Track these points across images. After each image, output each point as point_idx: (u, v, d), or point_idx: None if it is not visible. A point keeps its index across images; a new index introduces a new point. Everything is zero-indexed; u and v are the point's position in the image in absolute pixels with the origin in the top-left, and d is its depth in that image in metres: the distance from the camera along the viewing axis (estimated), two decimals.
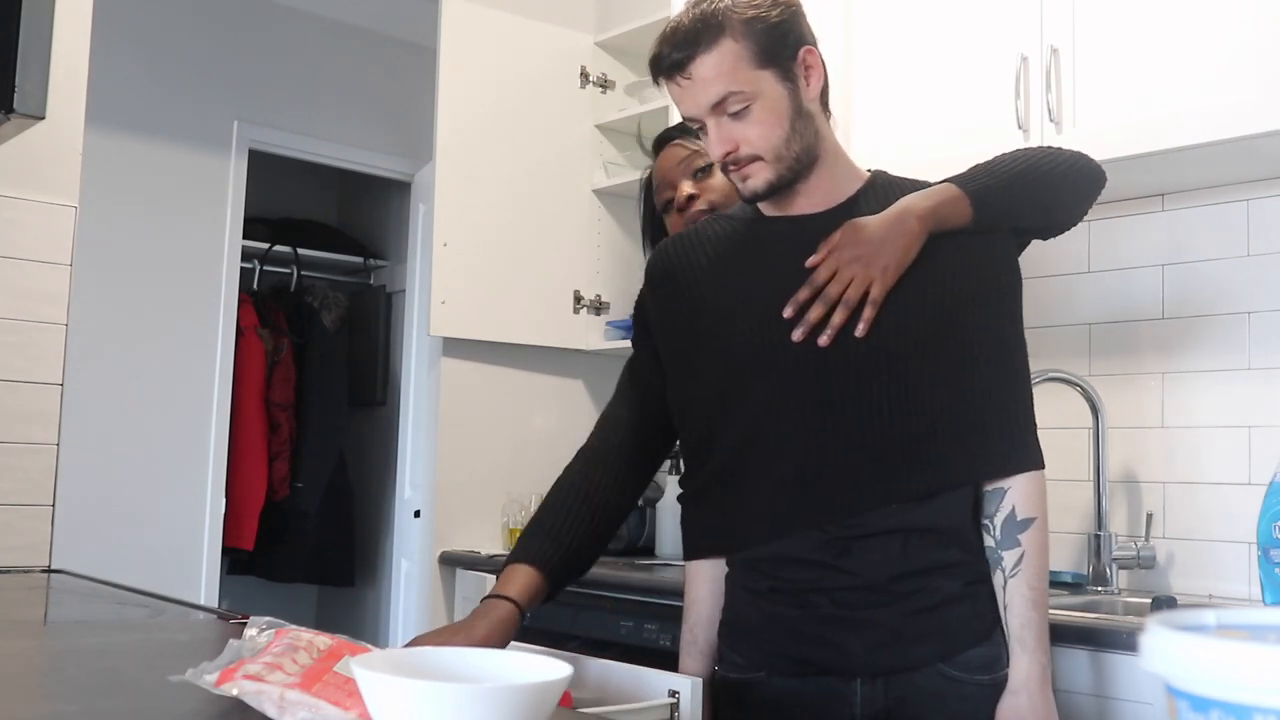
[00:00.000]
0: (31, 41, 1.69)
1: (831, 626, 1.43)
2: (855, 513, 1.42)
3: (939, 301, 1.44)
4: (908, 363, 1.42)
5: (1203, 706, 0.51)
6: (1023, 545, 1.43)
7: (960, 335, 1.44)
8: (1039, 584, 1.42)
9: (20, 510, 2.24)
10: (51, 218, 2.32)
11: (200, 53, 4.10)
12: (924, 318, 1.43)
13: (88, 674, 1.14)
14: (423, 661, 0.85)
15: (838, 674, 1.42)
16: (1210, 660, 0.50)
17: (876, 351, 1.42)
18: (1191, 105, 2.00)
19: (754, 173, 1.44)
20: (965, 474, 1.45)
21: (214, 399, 4.06)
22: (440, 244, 3.10)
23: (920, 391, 1.42)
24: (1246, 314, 2.24)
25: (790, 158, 1.45)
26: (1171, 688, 0.53)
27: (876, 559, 1.42)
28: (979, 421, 1.44)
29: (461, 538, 3.17)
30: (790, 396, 1.45)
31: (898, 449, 1.42)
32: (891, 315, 1.42)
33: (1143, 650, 0.54)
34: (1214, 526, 2.24)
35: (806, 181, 1.48)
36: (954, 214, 1.46)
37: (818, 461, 1.43)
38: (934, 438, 1.43)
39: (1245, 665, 0.49)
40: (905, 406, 1.42)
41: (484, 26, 3.22)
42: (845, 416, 1.43)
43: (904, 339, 1.42)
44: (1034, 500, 1.45)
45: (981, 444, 1.44)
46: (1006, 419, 1.46)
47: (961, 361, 1.44)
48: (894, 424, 1.42)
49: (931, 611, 1.42)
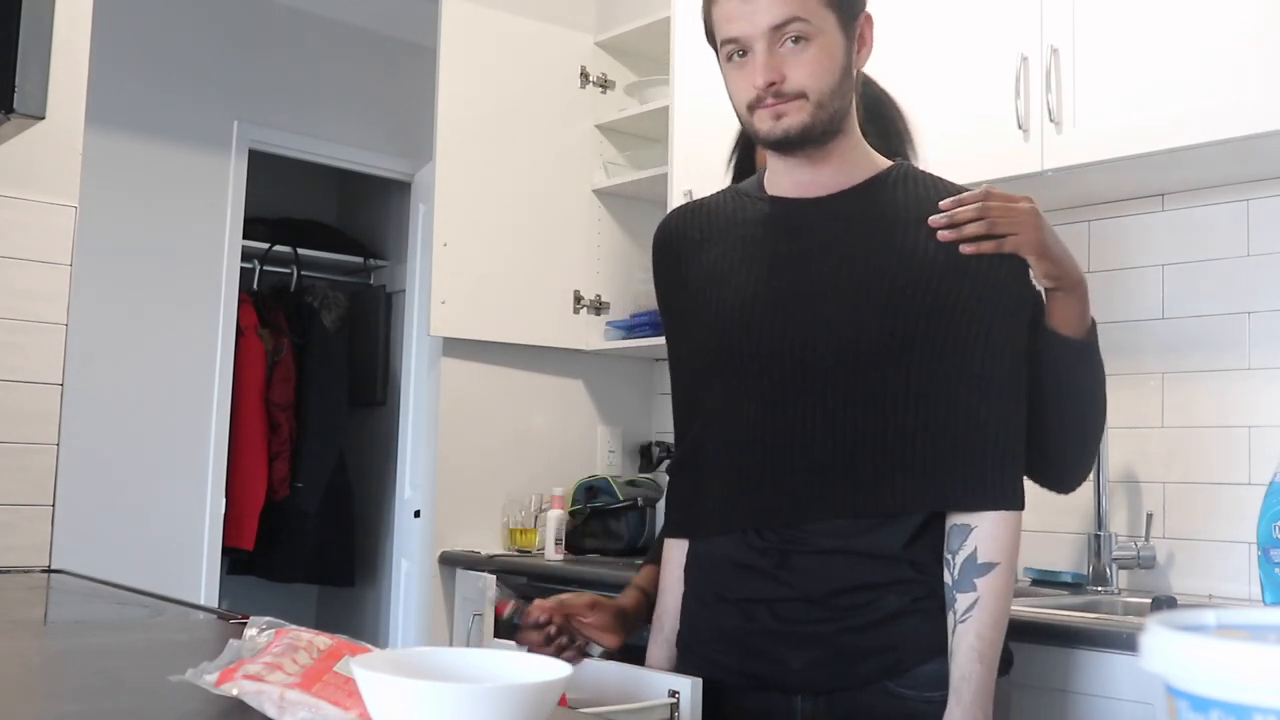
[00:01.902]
0: (31, 41, 1.69)
1: (772, 640, 1.37)
2: (795, 522, 1.36)
3: (928, 308, 1.34)
4: (879, 372, 1.34)
5: (1203, 706, 0.51)
6: (978, 591, 1.32)
7: (946, 350, 1.33)
8: (990, 635, 1.31)
9: (20, 510, 2.24)
10: (51, 218, 2.32)
11: (200, 53, 4.10)
12: (905, 323, 1.33)
13: (88, 674, 1.14)
14: (423, 661, 0.85)
15: (779, 690, 1.37)
16: (1210, 660, 0.50)
17: (844, 355, 1.34)
18: (1191, 105, 2.00)
19: (793, 111, 1.34)
20: (918, 501, 1.34)
21: (214, 399, 4.06)
22: (440, 244, 3.11)
23: (885, 405, 1.33)
24: (1246, 314, 2.24)
25: (830, 110, 1.35)
26: (1171, 688, 0.53)
27: (815, 572, 1.35)
28: (947, 448, 1.33)
29: (461, 538, 3.17)
30: (746, 393, 1.39)
31: (848, 463, 1.34)
32: (867, 316, 1.34)
33: (1143, 650, 0.54)
34: (1214, 526, 2.24)
35: (825, 152, 1.39)
36: (1081, 307, 1.43)
37: (764, 463, 1.37)
38: (890, 456, 1.33)
39: (1245, 665, 0.49)
40: (865, 419, 1.34)
41: (484, 26, 3.22)
42: (796, 421, 1.36)
43: (878, 344, 1.34)
44: (1001, 544, 1.33)
45: (944, 472, 1.33)
46: (981, 449, 1.33)
47: (941, 378, 1.33)
48: (848, 436, 1.34)
49: (875, 627, 1.34)
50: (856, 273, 1.36)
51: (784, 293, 1.39)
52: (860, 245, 1.38)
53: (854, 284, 1.36)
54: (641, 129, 3.37)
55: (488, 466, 3.21)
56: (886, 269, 1.35)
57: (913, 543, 1.35)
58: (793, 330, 1.37)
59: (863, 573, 1.34)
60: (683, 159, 2.84)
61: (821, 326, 1.36)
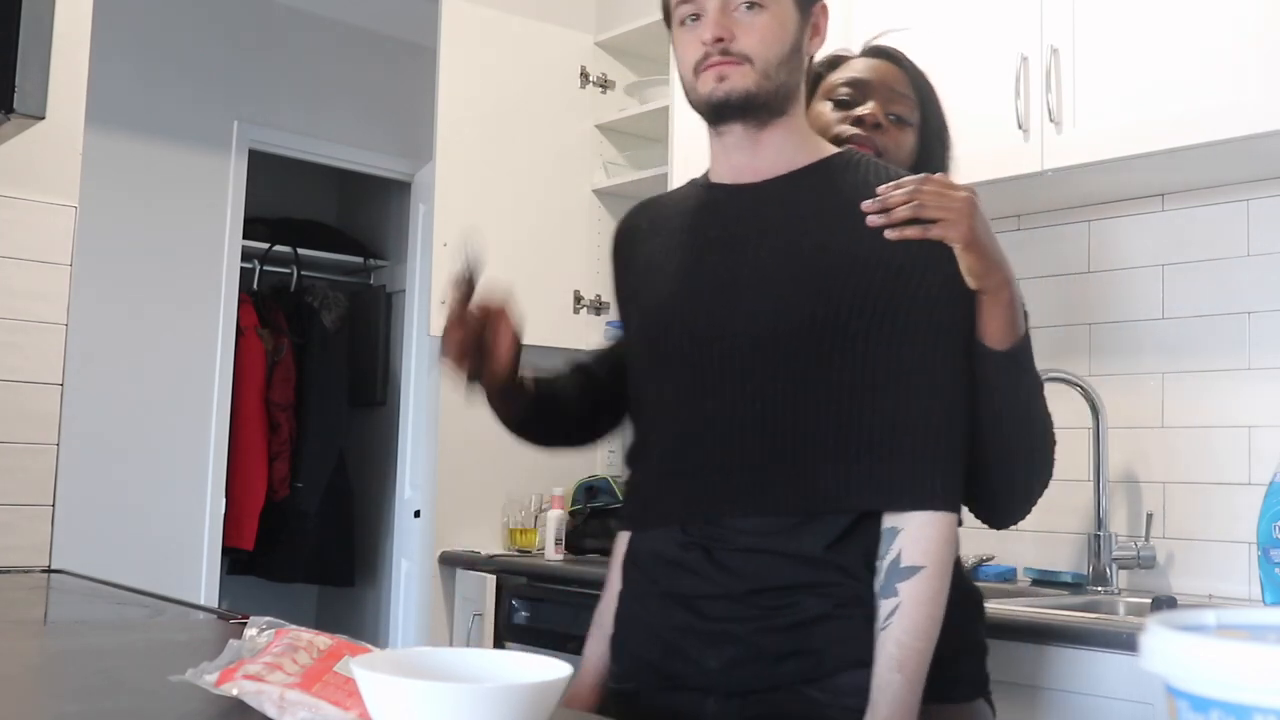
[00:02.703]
0: (31, 41, 1.69)
1: (693, 638, 1.31)
2: (716, 518, 1.32)
3: (857, 298, 1.28)
4: (803, 364, 1.29)
5: (1203, 706, 0.51)
6: (899, 596, 1.24)
7: (875, 343, 1.28)
8: (912, 644, 1.23)
9: (20, 510, 2.24)
10: (51, 218, 2.32)
11: (200, 53, 4.10)
12: (832, 314, 1.28)
13: (88, 674, 1.14)
14: (423, 661, 0.85)
15: (694, 689, 1.31)
16: (1210, 660, 0.50)
17: (767, 346, 1.30)
18: (1191, 105, 2.00)
19: (736, 75, 1.32)
20: (839, 500, 1.28)
21: (214, 399, 4.06)
22: (440, 244, 3.11)
23: (809, 398, 1.28)
24: (1246, 314, 2.24)
25: (775, 83, 1.33)
26: (1171, 688, 0.53)
27: (737, 570, 1.30)
28: (873, 444, 1.27)
29: (461, 538, 3.17)
30: (676, 384, 1.36)
31: (771, 457, 1.29)
32: (792, 305, 1.29)
33: (1143, 650, 0.54)
34: (1214, 526, 2.24)
35: (765, 134, 1.36)
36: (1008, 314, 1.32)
37: (690, 457, 1.34)
38: (813, 452, 1.28)
39: (1245, 665, 0.49)
40: (788, 412, 1.29)
41: (484, 26, 3.22)
42: (721, 413, 1.32)
43: (801, 335, 1.29)
44: (927, 547, 1.25)
45: (868, 469, 1.27)
46: (908, 446, 1.27)
47: (868, 372, 1.28)
48: (770, 429, 1.29)
49: (795, 630, 1.27)
50: (784, 260, 1.32)
51: (710, 281, 1.36)
52: (791, 231, 1.33)
53: (780, 272, 1.32)
54: (641, 129, 3.37)
55: (488, 466, 3.21)
56: (815, 257, 1.31)
57: (838, 545, 1.28)
58: (717, 319, 1.33)
59: (784, 573, 1.28)
60: (683, 159, 2.84)
61: (745, 316, 1.32)
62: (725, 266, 1.35)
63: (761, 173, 1.38)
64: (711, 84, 1.33)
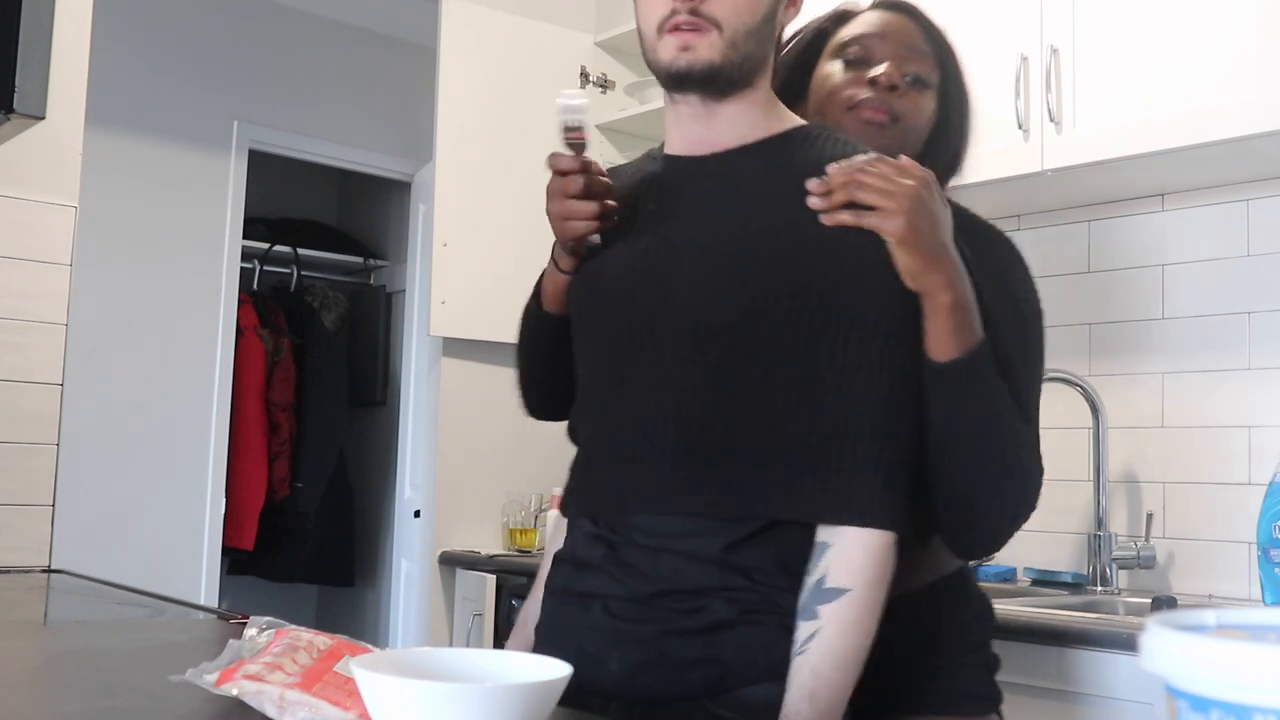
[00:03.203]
0: (31, 41, 1.69)
1: (600, 638, 1.20)
2: (623, 512, 1.22)
3: (793, 286, 1.16)
4: (728, 354, 1.17)
5: (1203, 706, 0.51)
6: (820, 620, 1.11)
7: (810, 335, 1.15)
8: (829, 673, 1.10)
9: (20, 510, 2.24)
10: (51, 218, 2.32)
11: (200, 52, 4.10)
12: (763, 301, 1.16)
13: (88, 674, 1.14)
14: (423, 661, 0.85)
15: (594, 693, 1.18)
16: (1210, 660, 0.50)
17: (691, 332, 1.19)
18: (1191, 105, 2.00)
19: (702, 45, 1.19)
20: (752, 508, 1.15)
21: (214, 399, 4.06)
22: (440, 244, 3.11)
23: (730, 391, 1.17)
24: (1246, 314, 2.24)
25: (742, 54, 1.21)
26: (1171, 688, 0.53)
27: (641, 569, 1.19)
28: (801, 448, 1.15)
29: (461, 538, 3.17)
30: (600, 369, 1.28)
31: (684, 455, 1.18)
32: (720, 289, 1.18)
33: (1143, 650, 0.54)
34: (1214, 526, 2.24)
35: (723, 106, 1.24)
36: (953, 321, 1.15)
37: (605, 444, 1.26)
38: (730, 453, 1.16)
39: (1245, 665, 0.49)
40: (706, 405, 1.17)
41: (484, 26, 3.22)
42: (637, 403, 1.22)
43: (728, 322, 1.17)
44: (856, 568, 1.12)
45: (791, 476, 1.15)
46: (843, 453, 1.14)
47: (800, 366, 1.15)
48: (688, 425, 1.18)
49: (701, 635, 1.15)
50: (722, 242, 1.20)
51: (643, 260, 1.25)
52: (735, 211, 1.21)
53: (717, 254, 1.20)
54: (641, 129, 3.37)
55: (488, 466, 3.21)
56: (755, 240, 1.18)
57: (740, 546, 1.16)
58: (644, 302, 1.23)
59: (687, 575, 1.17)
60: None
61: (673, 300, 1.20)
62: (662, 245, 1.24)
63: (713, 146, 1.26)
64: (674, 51, 1.20)
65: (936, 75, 1.43)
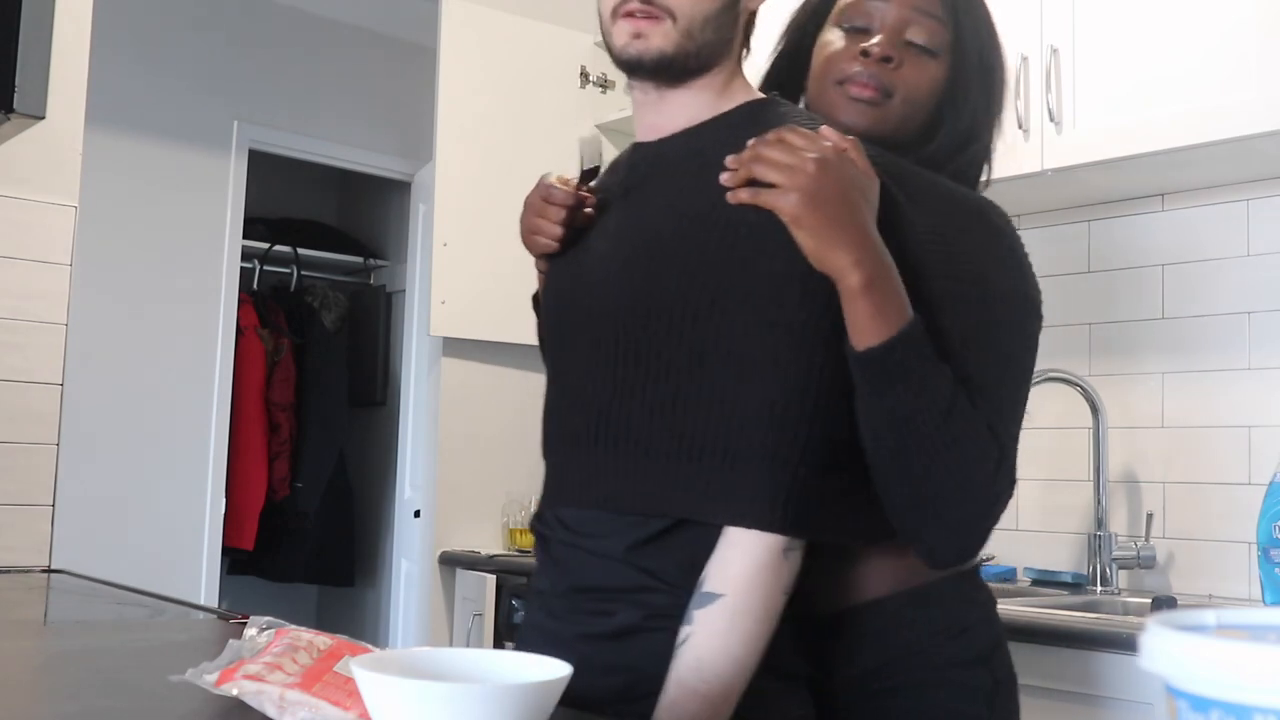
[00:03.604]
0: (31, 41, 1.69)
1: (538, 639, 1.17)
2: (552, 506, 1.20)
3: (689, 268, 1.10)
4: (633, 343, 1.13)
5: (1203, 706, 0.51)
6: (692, 626, 1.04)
7: (704, 320, 1.08)
8: (695, 684, 1.02)
9: (20, 510, 2.24)
10: (51, 218, 2.32)
11: (200, 53, 4.10)
12: (661, 286, 1.11)
13: (88, 674, 1.14)
14: (423, 661, 0.85)
15: None
16: (1210, 660, 0.50)
17: (608, 321, 1.15)
18: (1191, 105, 2.00)
19: (655, 34, 1.14)
20: (649, 502, 1.10)
21: (214, 399, 4.06)
22: (440, 244, 3.11)
23: (633, 382, 1.12)
24: (1246, 314, 2.24)
25: (698, 43, 1.15)
26: (1171, 688, 0.53)
27: (562, 565, 1.17)
28: (692, 440, 1.08)
29: (461, 538, 3.17)
30: (549, 358, 1.28)
31: (597, 446, 1.14)
32: (631, 276, 1.15)
33: (1142, 650, 0.54)
34: (1214, 526, 2.24)
35: (677, 91, 1.19)
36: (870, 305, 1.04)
37: (545, 439, 1.24)
38: (632, 444, 1.11)
39: (1245, 665, 0.49)
40: (614, 397, 1.13)
41: (484, 26, 3.22)
42: (565, 395, 1.21)
43: (631, 310, 1.13)
44: (732, 573, 1.04)
45: (682, 469, 1.08)
46: (731, 447, 1.06)
47: (697, 354, 1.09)
48: (599, 415, 1.14)
49: (609, 641, 1.11)
50: (647, 231, 1.16)
51: (590, 249, 1.23)
52: (668, 195, 1.17)
53: (641, 240, 1.16)
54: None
55: (488, 467, 3.21)
56: (675, 224, 1.13)
57: (644, 547, 1.10)
58: (576, 294, 1.22)
59: (595, 574, 1.13)
60: None
61: (592, 289, 1.19)
62: (608, 233, 1.22)
63: (662, 131, 1.22)
64: (625, 38, 1.15)
65: (947, 37, 1.31)
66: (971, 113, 1.33)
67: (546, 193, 1.27)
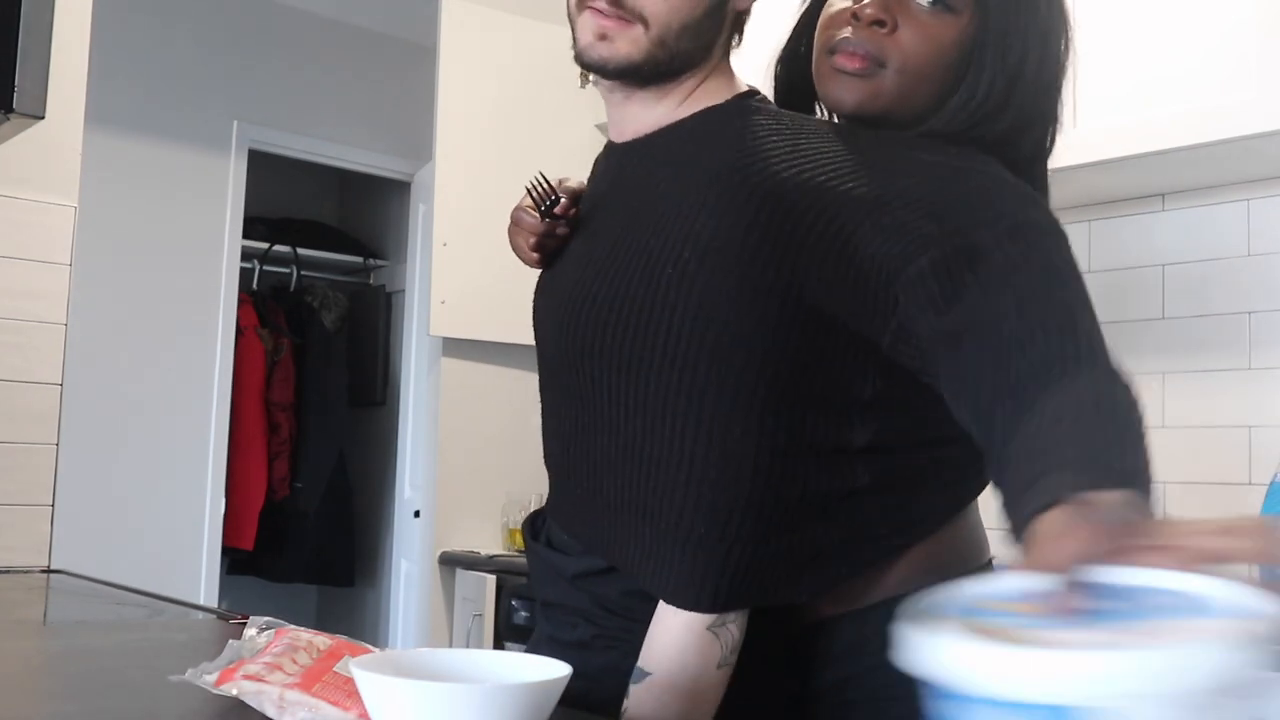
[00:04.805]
0: (31, 41, 1.69)
1: (535, 639, 1.20)
2: (550, 514, 1.18)
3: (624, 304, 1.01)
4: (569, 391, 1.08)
5: (950, 697, 0.55)
6: (628, 700, 0.99)
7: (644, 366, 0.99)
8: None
9: (20, 510, 2.24)
10: (51, 218, 2.32)
11: (200, 52, 4.10)
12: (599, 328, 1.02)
13: (88, 674, 1.14)
14: (423, 662, 0.85)
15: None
16: (942, 657, 0.55)
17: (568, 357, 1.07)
18: (1192, 105, 2.00)
19: (622, 39, 1.02)
20: (594, 546, 1.07)
21: (214, 399, 4.06)
22: (440, 244, 3.11)
23: (586, 420, 1.06)
24: (1246, 314, 2.24)
25: (672, 52, 1.03)
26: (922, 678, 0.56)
27: (537, 574, 1.17)
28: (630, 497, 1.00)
29: (461, 538, 3.17)
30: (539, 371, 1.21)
31: (556, 471, 1.11)
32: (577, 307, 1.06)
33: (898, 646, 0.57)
34: None
35: (644, 92, 1.08)
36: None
37: (545, 452, 1.19)
38: (575, 483, 1.07)
39: (970, 661, 0.52)
40: (575, 430, 1.08)
41: (484, 26, 3.22)
42: (549, 417, 1.16)
43: (576, 347, 1.05)
44: (659, 648, 0.97)
45: (624, 524, 1.02)
46: (658, 511, 0.99)
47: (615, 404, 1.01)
48: (556, 443, 1.11)
49: (569, 649, 1.07)
50: (585, 262, 1.09)
51: (560, 268, 1.15)
52: (610, 224, 1.08)
53: (580, 279, 1.07)
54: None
55: (488, 467, 3.21)
56: (604, 259, 1.05)
57: (593, 577, 1.07)
58: (546, 325, 1.15)
59: (557, 591, 1.14)
60: None
61: (554, 326, 1.10)
62: (571, 250, 1.14)
63: (625, 133, 1.12)
64: (589, 36, 1.04)
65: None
66: (990, 84, 1.11)
67: (518, 216, 1.21)
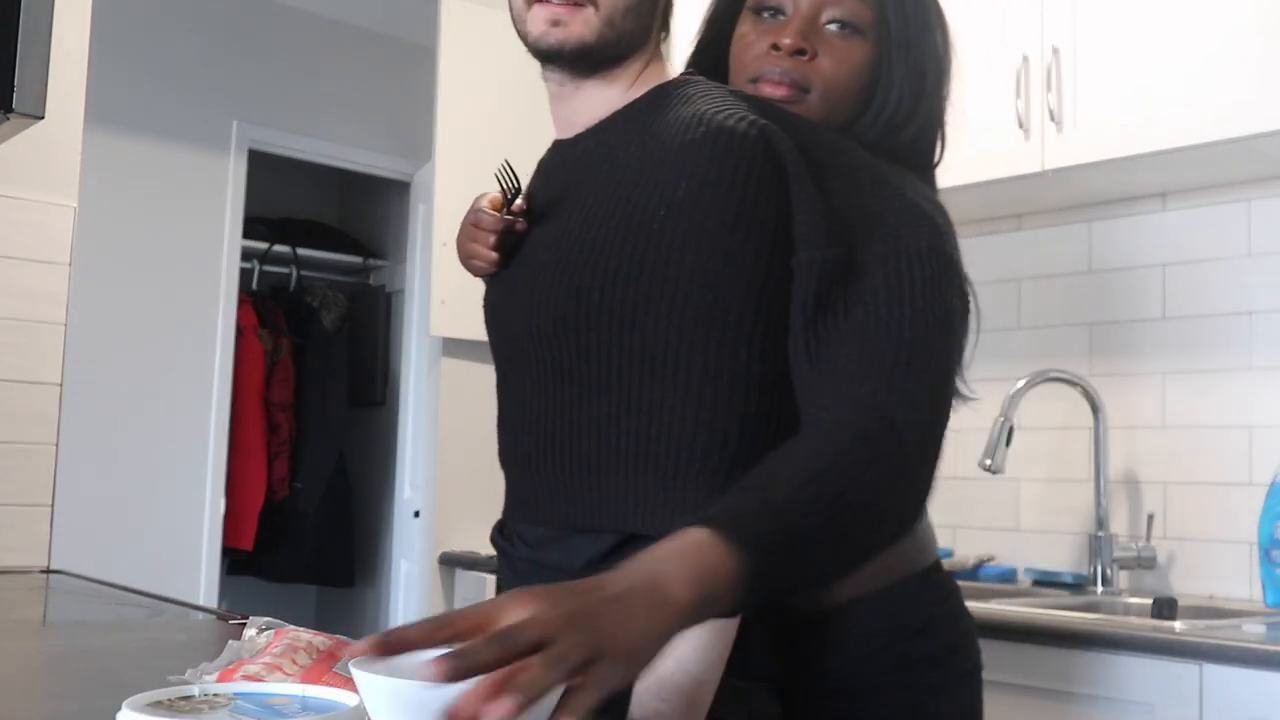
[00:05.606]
0: (31, 41, 1.69)
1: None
2: (512, 521, 1.19)
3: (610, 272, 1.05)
4: (555, 359, 1.10)
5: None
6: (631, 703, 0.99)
7: (634, 322, 1.04)
8: (678, 677, 0.97)
9: (20, 510, 2.23)
10: (51, 218, 2.32)
11: (199, 53, 4.10)
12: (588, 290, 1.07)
13: (87, 674, 1.14)
14: (421, 662, 0.84)
15: None
16: None
17: (540, 333, 1.11)
18: (1191, 105, 2.00)
19: (575, 22, 1.10)
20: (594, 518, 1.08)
21: (214, 399, 4.06)
22: (440, 244, 3.11)
23: (569, 393, 1.09)
24: (1247, 314, 2.24)
25: (619, 31, 1.11)
26: None
27: (525, 579, 1.13)
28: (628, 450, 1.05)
29: (461, 538, 3.17)
30: (497, 374, 1.24)
31: (534, 462, 1.13)
32: (555, 285, 1.10)
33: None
34: (1214, 526, 2.24)
35: (590, 82, 1.15)
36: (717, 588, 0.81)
37: (505, 453, 1.22)
38: (575, 457, 1.09)
39: None
40: (554, 410, 1.11)
41: (484, 26, 3.22)
42: (513, 408, 1.19)
43: (563, 319, 1.09)
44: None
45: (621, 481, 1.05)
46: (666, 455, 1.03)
47: (628, 359, 1.05)
48: (543, 429, 1.12)
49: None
50: (556, 236, 1.13)
51: (517, 261, 1.19)
52: (574, 204, 1.13)
53: (550, 256, 1.12)
54: None
55: (488, 467, 3.18)
56: (581, 229, 1.10)
57: (603, 563, 1.03)
58: (509, 313, 1.19)
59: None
60: None
61: (522, 309, 1.15)
62: (535, 247, 1.17)
63: (576, 125, 1.18)
64: (543, 26, 1.11)
65: (870, 14, 1.20)
66: (899, 96, 1.21)
67: (476, 218, 1.22)
